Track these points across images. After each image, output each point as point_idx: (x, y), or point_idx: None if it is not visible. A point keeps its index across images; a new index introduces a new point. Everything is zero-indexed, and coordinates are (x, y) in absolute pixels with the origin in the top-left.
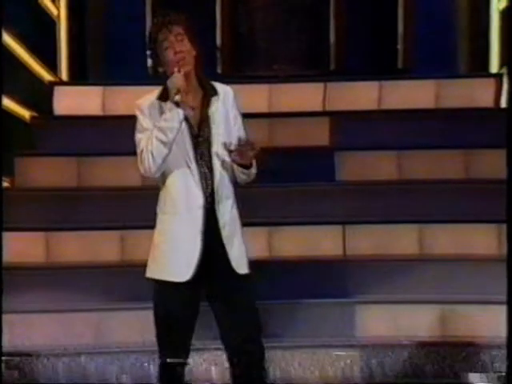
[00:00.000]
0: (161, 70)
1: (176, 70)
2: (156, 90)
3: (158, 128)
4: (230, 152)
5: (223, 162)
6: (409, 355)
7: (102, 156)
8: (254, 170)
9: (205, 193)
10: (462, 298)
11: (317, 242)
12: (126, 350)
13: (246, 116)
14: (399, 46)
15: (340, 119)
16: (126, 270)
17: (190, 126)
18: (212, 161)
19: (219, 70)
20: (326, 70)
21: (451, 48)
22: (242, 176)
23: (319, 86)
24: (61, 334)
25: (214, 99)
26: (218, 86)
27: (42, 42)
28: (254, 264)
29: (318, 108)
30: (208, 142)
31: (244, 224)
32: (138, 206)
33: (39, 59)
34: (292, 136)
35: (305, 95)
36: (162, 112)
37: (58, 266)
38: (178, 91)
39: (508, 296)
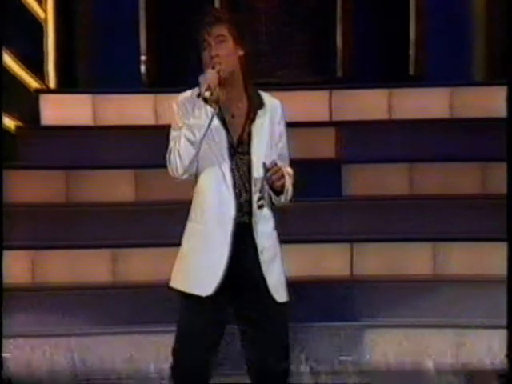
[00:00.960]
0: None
1: (212, 67)
2: (195, 88)
3: (187, 126)
4: (265, 173)
5: (263, 181)
6: (419, 382)
7: (92, 169)
8: (284, 198)
9: (239, 206)
10: (477, 322)
11: (322, 260)
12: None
13: None
14: (411, 52)
15: (347, 130)
16: (118, 292)
17: (228, 134)
18: (251, 176)
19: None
20: (331, 76)
21: (466, 53)
22: (274, 201)
23: (325, 93)
24: (42, 361)
25: (260, 112)
26: (266, 97)
27: (27, 46)
28: None
29: (324, 117)
30: (248, 157)
31: None
32: (131, 223)
33: (24, 65)
34: (295, 148)
35: (309, 104)
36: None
37: (43, 287)
38: (209, 87)
39: (508, 301)
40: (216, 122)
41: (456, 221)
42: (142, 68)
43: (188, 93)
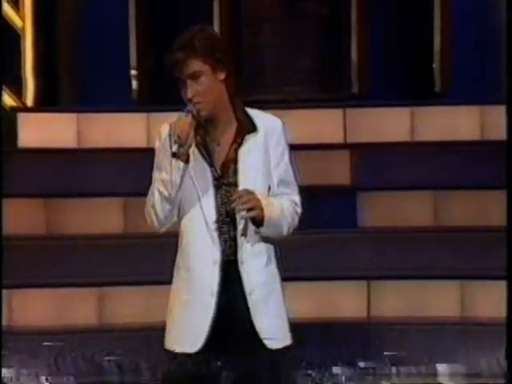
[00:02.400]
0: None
1: (186, 110)
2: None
3: (160, 180)
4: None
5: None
6: None
7: (76, 197)
8: (272, 230)
9: (224, 246)
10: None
11: (335, 300)
12: None
13: None
14: (435, 65)
15: (363, 153)
16: (104, 336)
17: (212, 167)
18: (236, 209)
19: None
20: (346, 93)
21: (497, 67)
22: (261, 234)
23: (338, 112)
24: None
25: (250, 136)
26: (263, 117)
27: (1, 58)
28: None
29: (337, 139)
30: (235, 187)
31: None
32: (120, 258)
33: None
34: (305, 173)
35: (320, 124)
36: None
37: (23, 331)
38: (179, 140)
39: (508, 301)
40: (197, 154)
41: (488, 256)
42: (133, 84)
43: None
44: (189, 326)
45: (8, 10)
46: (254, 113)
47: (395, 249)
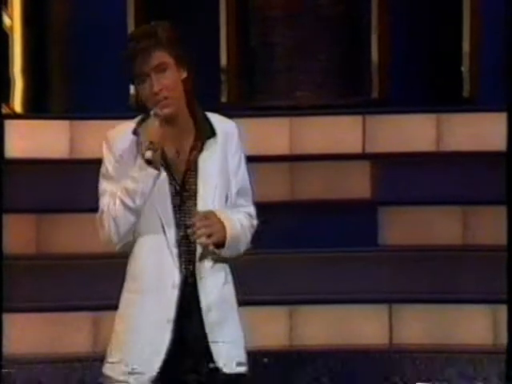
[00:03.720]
0: (141, 102)
1: (152, 113)
2: (130, 122)
3: (125, 189)
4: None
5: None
6: None
7: (68, 212)
8: (231, 251)
9: (184, 267)
10: None
11: (354, 326)
12: None
13: (260, 159)
14: (463, 68)
15: (384, 164)
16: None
17: (171, 177)
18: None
19: (224, 99)
20: (365, 98)
21: None
22: (220, 255)
23: (357, 119)
24: None
25: (209, 143)
26: (218, 121)
27: None
28: (268, 355)
29: (356, 149)
30: (195, 198)
31: (256, 302)
32: (117, 279)
33: None
34: (321, 186)
35: (338, 132)
36: (138, 153)
37: (10, 358)
38: (151, 144)
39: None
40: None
41: None
42: (131, 88)
43: (122, 130)
44: (141, 353)
45: None
46: (210, 116)
47: (420, 270)
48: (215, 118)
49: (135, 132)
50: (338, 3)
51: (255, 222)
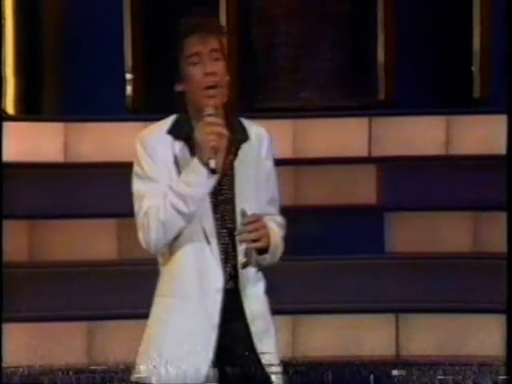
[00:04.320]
0: (179, 88)
1: (210, 108)
2: (163, 121)
3: (177, 193)
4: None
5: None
6: None
7: (62, 219)
8: (271, 257)
9: (226, 272)
10: None
11: (359, 336)
12: None
13: None
14: (474, 68)
15: (391, 168)
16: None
17: None
18: (236, 228)
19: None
20: (371, 99)
21: None
22: (260, 262)
23: (363, 121)
24: None
25: (244, 146)
26: (251, 126)
27: None
28: None
29: (362, 153)
30: (232, 203)
31: None
32: (113, 288)
33: None
34: (325, 190)
35: (342, 135)
36: (175, 155)
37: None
38: (214, 150)
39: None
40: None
41: None
42: (128, 89)
43: (155, 131)
44: (185, 359)
45: None
46: (243, 121)
47: (428, 278)
48: (247, 123)
49: (170, 131)
50: (343, 2)
51: (283, 232)
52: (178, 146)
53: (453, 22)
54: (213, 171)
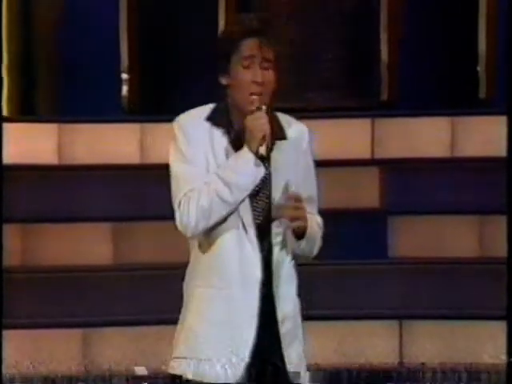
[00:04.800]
0: (223, 80)
1: (255, 107)
2: (201, 108)
3: (223, 180)
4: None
5: (284, 232)
6: None
7: (56, 222)
8: (307, 246)
9: (264, 263)
10: None
11: (362, 343)
12: None
13: None
14: (480, 68)
15: (394, 170)
16: None
17: None
18: (271, 226)
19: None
20: (374, 100)
21: None
22: (296, 250)
23: (365, 122)
24: None
25: (281, 143)
26: (290, 122)
27: None
28: None
29: (364, 154)
30: (264, 200)
31: None
32: (108, 294)
33: None
34: (326, 194)
35: (345, 136)
36: (212, 142)
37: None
38: (264, 139)
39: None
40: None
41: None
42: (124, 89)
43: (194, 116)
44: (228, 351)
45: None
46: (280, 116)
47: (432, 283)
48: (286, 119)
49: (209, 119)
50: (346, 1)
51: (322, 232)
52: (217, 134)
53: (458, 20)
54: (262, 158)
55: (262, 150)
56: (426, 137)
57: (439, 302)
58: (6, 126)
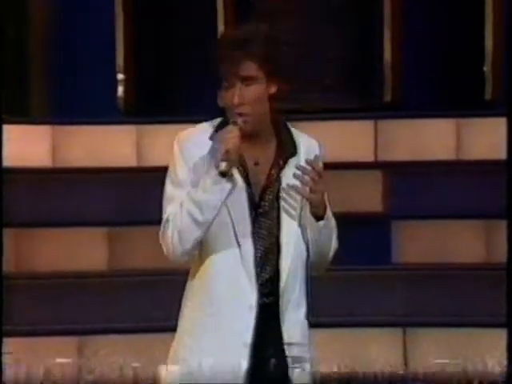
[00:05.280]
0: (219, 102)
1: (232, 121)
2: (208, 124)
3: (193, 200)
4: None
5: (295, 250)
6: None
7: (50, 227)
8: (324, 231)
9: (261, 288)
10: None
11: (364, 350)
12: None
13: None
14: (486, 68)
15: (398, 174)
16: None
17: (249, 188)
18: (279, 244)
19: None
20: (377, 101)
21: None
22: (314, 237)
23: (368, 124)
24: None
25: (291, 161)
26: (301, 137)
27: None
28: None
29: (367, 157)
30: (272, 217)
31: None
32: (103, 301)
33: None
34: (328, 198)
35: (346, 139)
36: (211, 164)
37: None
38: (227, 154)
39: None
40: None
41: None
42: (119, 90)
43: (197, 132)
44: (216, 380)
45: None
46: (294, 132)
47: (438, 291)
48: (299, 135)
49: (212, 138)
50: None
51: (337, 240)
52: (210, 173)
53: (464, 18)
54: (222, 174)
55: (223, 165)
56: (430, 139)
57: (445, 309)
58: None
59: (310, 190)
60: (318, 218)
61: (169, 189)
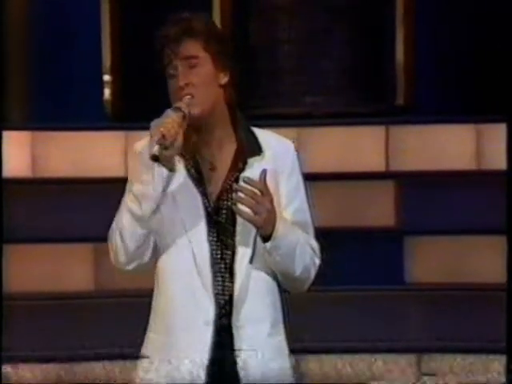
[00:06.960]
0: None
1: (175, 108)
2: None
3: (131, 195)
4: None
5: (255, 262)
6: None
7: (30, 243)
8: (278, 254)
9: (219, 304)
10: None
11: (377, 378)
12: None
13: None
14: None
15: (412, 185)
16: None
17: (205, 197)
18: (235, 256)
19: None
20: (388, 105)
21: None
22: (271, 263)
23: (378, 130)
24: None
25: (253, 161)
26: (269, 138)
27: None
28: None
29: (378, 167)
30: (230, 226)
31: None
32: (89, 324)
33: None
34: (335, 211)
35: (355, 146)
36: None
37: None
38: (163, 139)
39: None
40: (185, 177)
41: None
42: (106, 93)
43: (146, 140)
44: None
45: None
46: (259, 132)
47: (454, 312)
48: (265, 134)
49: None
50: None
51: (318, 260)
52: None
53: (481, 15)
54: (154, 158)
55: (155, 148)
56: (447, 147)
57: (462, 333)
58: None
59: (252, 211)
60: (266, 238)
61: (124, 196)
